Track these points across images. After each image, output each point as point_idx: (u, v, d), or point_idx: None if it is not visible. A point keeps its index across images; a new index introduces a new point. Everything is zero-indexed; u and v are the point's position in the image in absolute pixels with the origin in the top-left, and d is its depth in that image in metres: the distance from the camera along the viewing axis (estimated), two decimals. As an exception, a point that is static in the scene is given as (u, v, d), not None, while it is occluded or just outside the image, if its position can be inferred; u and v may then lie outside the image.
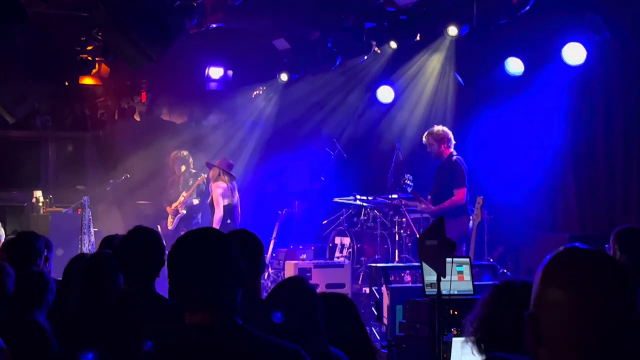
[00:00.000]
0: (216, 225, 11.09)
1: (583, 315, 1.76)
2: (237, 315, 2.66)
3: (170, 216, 12.38)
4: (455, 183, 9.65)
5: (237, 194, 11.69)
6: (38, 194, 13.17)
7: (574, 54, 10.32)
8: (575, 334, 1.77)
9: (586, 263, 1.81)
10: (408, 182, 10.42)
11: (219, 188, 11.44)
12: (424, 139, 9.98)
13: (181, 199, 12.25)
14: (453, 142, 9.83)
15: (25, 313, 4.66)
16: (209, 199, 11.73)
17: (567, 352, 1.78)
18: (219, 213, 11.28)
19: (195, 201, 12.30)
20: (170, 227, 12.28)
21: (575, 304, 1.77)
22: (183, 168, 12.39)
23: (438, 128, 9.97)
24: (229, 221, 11.27)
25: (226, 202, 11.40)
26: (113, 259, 4.49)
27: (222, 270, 2.64)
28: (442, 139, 9.77)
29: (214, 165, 11.68)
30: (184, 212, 12.21)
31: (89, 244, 11.22)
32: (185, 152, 12.56)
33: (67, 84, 15.04)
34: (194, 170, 12.41)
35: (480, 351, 3.03)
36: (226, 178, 11.50)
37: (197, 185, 12.26)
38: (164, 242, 12.24)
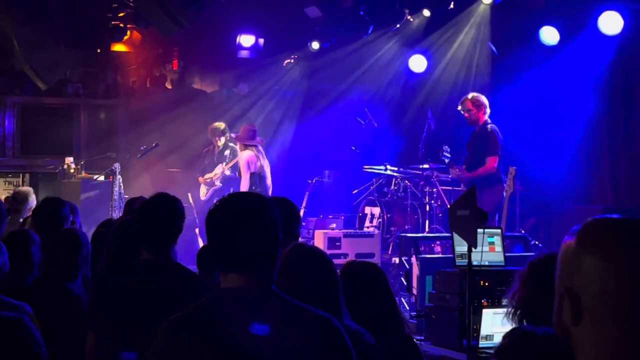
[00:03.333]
0: None
1: (626, 286, 1.58)
2: (272, 281, 2.63)
3: (203, 186, 12.37)
4: (488, 151, 9.50)
5: (266, 162, 11.63)
6: (70, 160, 13.23)
7: (611, 23, 10.14)
8: (618, 307, 1.58)
9: (626, 229, 1.63)
10: (446, 153, 10.30)
11: (244, 157, 11.41)
12: (460, 105, 9.83)
13: (217, 171, 12.21)
14: (488, 110, 9.70)
15: (60, 276, 4.64)
16: (238, 170, 11.70)
17: (611, 328, 1.59)
18: (245, 181, 11.25)
19: (228, 172, 12.28)
20: (203, 197, 12.26)
21: (621, 274, 1.59)
22: (222, 141, 12.34)
23: (475, 94, 9.83)
24: (254, 188, 11.25)
25: (253, 170, 11.36)
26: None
27: (261, 234, 2.61)
28: (480, 105, 9.64)
29: (237, 137, 11.65)
30: (220, 184, 12.18)
31: (119, 211, 11.26)
32: (222, 125, 12.53)
33: (98, 51, 15.04)
34: (231, 143, 12.38)
35: None
36: (252, 147, 11.47)
37: (236, 160, 12.21)
38: (196, 211, 12.23)
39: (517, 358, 2.25)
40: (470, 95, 9.79)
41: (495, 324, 6.13)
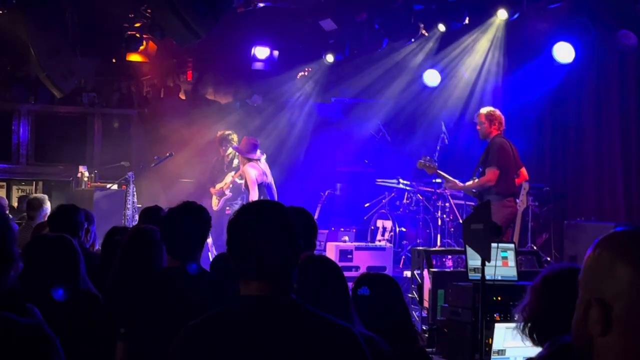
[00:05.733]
0: None
1: None
2: (291, 290, 2.64)
3: (214, 197, 12.35)
4: (488, 162, 9.45)
5: (269, 174, 11.59)
6: (83, 169, 13.28)
7: (627, 39, 10.15)
8: None
9: None
10: (431, 164, 10.24)
11: (251, 170, 11.36)
12: (476, 117, 9.81)
13: (227, 180, 12.20)
14: (503, 126, 9.63)
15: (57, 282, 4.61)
16: (243, 182, 11.64)
17: None
18: (254, 194, 11.22)
19: (239, 181, 12.27)
20: (215, 207, 12.24)
21: None
22: (229, 150, 12.34)
23: (490, 108, 9.79)
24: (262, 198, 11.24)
25: (260, 181, 11.34)
26: (156, 233, 4.50)
27: (282, 243, 2.62)
28: (493, 119, 9.59)
29: (237, 149, 11.63)
30: (230, 194, 12.16)
31: (132, 220, 11.28)
32: (231, 133, 12.52)
33: (114, 60, 15.11)
34: None
35: (533, 341, 2.96)
36: (255, 160, 11.46)
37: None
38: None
39: None
40: (484, 109, 9.78)
41: (507, 339, 6.10)
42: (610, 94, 11.10)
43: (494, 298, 6.36)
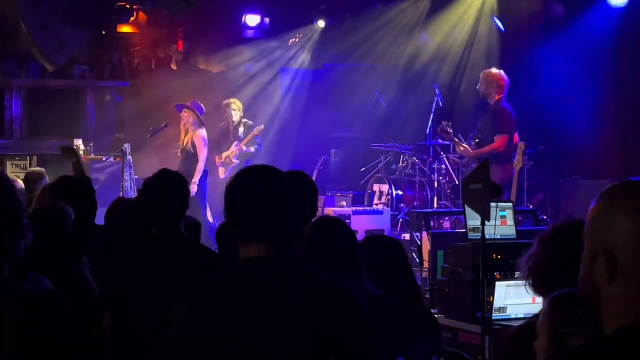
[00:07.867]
0: (198, 176, 10.89)
1: None
2: (290, 251, 2.68)
3: (220, 166, 12.29)
4: (497, 129, 9.47)
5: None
6: (78, 142, 13.24)
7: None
8: None
9: None
10: (448, 129, 10.23)
11: (203, 136, 11.26)
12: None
13: (234, 149, 12.16)
14: (503, 85, 9.59)
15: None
16: (188, 147, 11.33)
17: None
18: (202, 163, 11.10)
19: (253, 149, 12.21)
20: (222, 176, 12.17)
21: None
22: (237, 116, 12.29)
23: (491, 70, 9.73)
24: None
25: (206, 151, 11.27)
26: None
27: (280, 204, 2.66)
28: (491, 81, 9.56)
29: (187, 107, 11.47)
30: (238, 162, 12.10)
31: (130, 191, 11.28)
32: (237, 101, 12.48)
33: (104, 32, 15.02)
34: (245, 120, 12.35)
35: (537, 292, 3.00)
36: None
37: (253, 135, 12.13)
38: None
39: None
40: (485, 72, 9.74)
41: (508, 297, 6.16)
42: (603, 51, 11.08)
43: (494, 257, 6.42)
